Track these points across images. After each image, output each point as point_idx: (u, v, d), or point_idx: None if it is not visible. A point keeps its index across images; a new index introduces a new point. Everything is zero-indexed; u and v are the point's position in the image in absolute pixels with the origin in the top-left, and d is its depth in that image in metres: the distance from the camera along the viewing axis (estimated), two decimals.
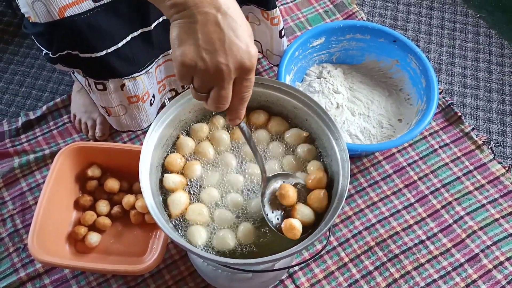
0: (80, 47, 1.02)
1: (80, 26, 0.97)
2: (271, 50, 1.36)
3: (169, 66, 1.24)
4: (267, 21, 1.26)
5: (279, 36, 1.30)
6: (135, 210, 1.21)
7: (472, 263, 1.24)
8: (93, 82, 1.12)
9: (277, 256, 0.79)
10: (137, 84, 1.15)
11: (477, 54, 1.58)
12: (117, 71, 1.09)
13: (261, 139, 0.96)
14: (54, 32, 0.98)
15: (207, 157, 0.93)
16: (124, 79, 1.12)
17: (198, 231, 0.85)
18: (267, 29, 1.29)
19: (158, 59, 1.18)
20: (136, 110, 1.22)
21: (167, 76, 1.28)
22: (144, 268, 1.07)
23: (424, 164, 1.37)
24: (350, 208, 1.30)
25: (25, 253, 1.23)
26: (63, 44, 1.01)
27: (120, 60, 1.08)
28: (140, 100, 1.19)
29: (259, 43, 1.37)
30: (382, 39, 1.38)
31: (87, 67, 1.09)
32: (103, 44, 1.02)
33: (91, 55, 1.03)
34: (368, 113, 1.37)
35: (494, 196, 1.32)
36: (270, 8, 1.22)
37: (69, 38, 0.99)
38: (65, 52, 1.03)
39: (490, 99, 1.49)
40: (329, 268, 1.23)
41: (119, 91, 1.15)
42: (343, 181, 0.84)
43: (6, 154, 1.35)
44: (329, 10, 1.64)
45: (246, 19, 1.24)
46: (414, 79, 1.36)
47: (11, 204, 1.29)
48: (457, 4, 1.68)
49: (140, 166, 0.84)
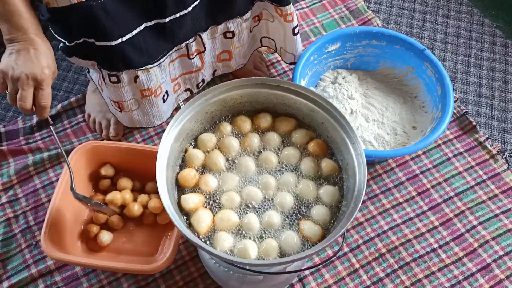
0: (96, 34, 1.04)
1: (96, 11, 0.99)
2: (284, 48, 1.36)
3: (183, 63, 1.25)
4: (280, 17, 1.26)
5: (293, 33, 1.30)
6: (147, 210, 1.21)
7: (484, 273, 1.23)
8: (107, 74, 1.13)
9: (290, 258, 0.79)
10: (150, 77, 1.16)
11: (493, 64, 1.57)
12: (131, 62, 1.11)
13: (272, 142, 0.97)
14: (71, 17, 1.00)
15: (218, 167, 0.94)
16: (138, 71, 1.13)
17: (223, 238, 0.86)
18: (280, 26, 1.29)
19: (171, 53, 1.19)
20: (149, 105, 1.23)
21: (182, 74, 1.28)
22: (155, 267, 1.07)
23: (438, 172, 1.36)
24: (362, 214, 1.30)
25: (37, 250, 1.23)
26: (80, 31, 1.03)
27: (134, 50, 1.09)
28: (153, 94, 1.20)
29: (272, 41, 1.37)
30: (398, 46, 1.38)
31: (102, 58, 1.10)
32: (118, 31, 1.04)
33: (107, 43, 1.04)
34: (382, 120, 1.37)
35: (507, 206, 1.31)
36: (283, 4, 1.22)
37: (85, 23, 1.01)
38: (82, 40, 1.05)
39: (505, 109, 1.49)
40: (339, 273, 1.22)
41: (132, 83, 1.16)
42: (359, 185, 0.84)
43: (21, 151, 1.36)
44: (345, 16, 1.64)
45: (260, 17, 1.25)
46: (430, 87, 1.35)
47: (24, 200, 1.30)
48: (473, 13, 1.68)
49: (157, 163, 0.85)
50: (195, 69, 1.27)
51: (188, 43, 1.19)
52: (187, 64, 1.25)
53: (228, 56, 1.31)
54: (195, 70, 1.28)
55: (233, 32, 1.23)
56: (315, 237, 0.86)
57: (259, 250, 0.85)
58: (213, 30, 1.21)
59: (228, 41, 1.26)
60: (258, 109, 1.00)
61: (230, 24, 1.22)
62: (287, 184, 0.91)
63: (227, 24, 1.21)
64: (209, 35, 1.22)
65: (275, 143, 0.97)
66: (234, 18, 1.20)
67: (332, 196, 0.90)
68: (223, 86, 0.94)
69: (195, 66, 1.27)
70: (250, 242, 0.85)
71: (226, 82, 0.94)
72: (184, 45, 1.19)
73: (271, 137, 0.97)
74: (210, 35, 1.22)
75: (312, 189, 0.91)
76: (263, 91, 0.96)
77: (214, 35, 1.23)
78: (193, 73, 1.29)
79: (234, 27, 1.23)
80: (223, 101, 0.96)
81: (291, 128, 0.99)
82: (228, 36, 1.25)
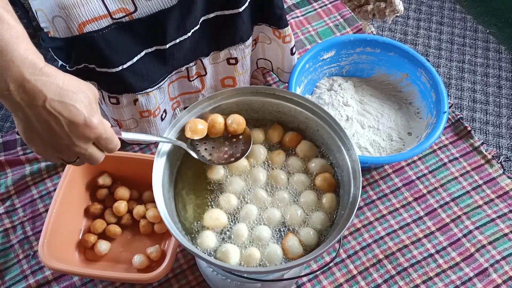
0: (97, 61, 1.04)
1: (98, 41, 0.99)
2: (282, 68, 1.36)
3: (183, 84, 1.25)
4: (278, 39, 1.27)
5: (291, 53, 1.31)
6: (145, 220, 1.21)
7: (481, 278, 1.23)
8: (107, 95, 1.14)
9: (287, 265, 0.79)
10: (150, 100, 1.17)
11: (486, 70, 1.59)
12: (131, 87, 1.11)
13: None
14: (72, 47, 1.00)
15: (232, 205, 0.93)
16: (137, 94, 1.13)
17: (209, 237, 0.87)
18: (278, 47, 1.30)
19: (171, 75, 1.20)
20: (147, 124, 1.23)
21: (181, 93, 1.29)
22: (153, 276, 1.07)
23: (433, 178, 1.37)
24: (359, 220, 1.30)
25: (35, 260, 1.23)
26: (81, 58, 1.03)
27: (135, 75, 1.09)
28: (152, 115, 1.21)
29: (269, 62, 1.38)
30: (392, 53, 1.39)
31: (103, 81, 1.11)
32: (119, 59, 1.04)
33: (107, 70, 1.04)
34: (378, 126, 1.38)
35: (503, 210, 1.32)
36: (282, 26, 1.23)
37: (87, 53, 1.02)
38: (82, 66, 1.05)
39: (500, 114, 1.50)
40: (337, 280, 1.22)
41: (131, 105, 1.16)
42: (354, 191, 0.84)
43: (18, 161, 1.37)
44: (339, 24, 1.66)
45: (256, 40, 1.26)
46: (424, 93, 1.36)
47: (22, 211, 1.30)
48: (466, 20, 1.69)
49: (153, 172, 0.85)
50: (195, 90, 1.28)
51: (188, 66, 1.19)
52: (187, 86, 1.26)
53: (233, 82, 1.31)
54: (195, 91, 1.28)
55: (236, 58, 1.23)
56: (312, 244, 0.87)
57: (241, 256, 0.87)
58: (215, 56, 1.22)
59: (232, 67, 1.26)
60: (253, 117, 1.01)
61: (233, 51, 1.21)
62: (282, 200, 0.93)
63: (229, 51, 1.21)
64: (211, 60, 1.22)
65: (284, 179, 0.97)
66: (236, 44, 1.21)
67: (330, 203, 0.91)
68: (218, 94, 0.95)
69: (195, 88, 1.27)
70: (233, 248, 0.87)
71: (221, 91, 0.94)
72: (184, 68, 1.19)
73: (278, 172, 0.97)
74: (212, 60, 1.22)
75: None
76: (258, 99, 0.97)
77: (216, 60, 1.23)
78: (193, 94, 1.29)
79: (237, 54, 1.22)
80: (219, 109, 0.96)
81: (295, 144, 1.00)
82: (231, 63, 1.25)
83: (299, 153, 0.98)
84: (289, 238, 0.87)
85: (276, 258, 0.85)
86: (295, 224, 0.89)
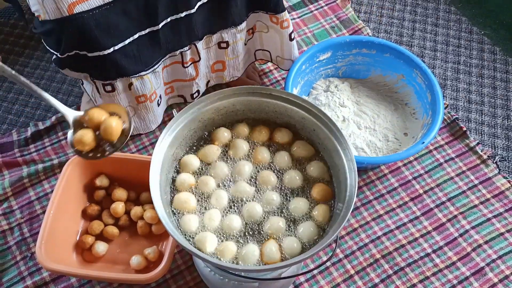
0: (88, 45, 1.05)
1: (88, 22, 1.00)
2: (281, 56, 1.37)
3: (177, 70, 1.26)
4: (276, 25, 1.28)
5: (289, 39, 1.32)
6: (142, 221, 1.22)
7: (477, 277, 1.24)
8: (101, 84, 1.15)
9: (285, 263, 0.79)
10: (145, 83, 1.17)
11: (481, 70, 1.60)
12: (124, 70, 1.12)
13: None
14: (63, 29, 1.01)
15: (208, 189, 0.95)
16: (132, 78, 1.14)
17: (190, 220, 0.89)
18: (276, 34, 1.31)
19: (165, 59, 1.21)
20: (145, 111, 1.24)
21: (175, 79, 1.30)
22: (150, 277, 1.07)
23: (430, 178, 1.38)
24: (356, 220, 1.31)
25: (32, 262, 1.23)
26: (72, 43, 1.04)
27: (127, 58, 1.10)
28: (148, 99, 1.21)
29: (267, 52, 1.39)
30: (388, 54, 1.40)
31: (95, 68, 1.11)
32: (111, 41, 1.05)
33: (99, 53, 1.05)
34: (374, 127, 1.38)
35: (499, 210, 1.33)
36: (279, 11, 1.24)
37: (77, 35, 1.02)
38: (73, 53, 1.06)
39: (495, 115, 1.51)
40: (335, 280, 1.23)
41: (127, 91, 1.17)
42: (350, 190, 0.85)
43: (15, 163, 1.37)
44: (336, 26, 1.66)
45: (254, 29, 1.27)
46: (420, 94, 1.37)
47: (19, 213, 1.30)
48: (461, 22, 1.71)
49: (150, 172, 0.86)
50: (189, 78, 1.29)
51: (182, 51, 1.21)
52: (181, 72, 1.27)
53: (222, 67, 1.32)
54: (189, 79, 1.29)
55: (227, 42, 1.25)
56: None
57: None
58: (208, 40, 1.23)
59: (222, 51, 1.28)
60: (250, 117, 1.01)
61: (225, 34, 1.24)
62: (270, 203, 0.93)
63: (221, 34, 1.23)
64: (204, 45, 1.24)
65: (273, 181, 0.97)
66: (228, 28, 1.22)
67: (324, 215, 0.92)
68: (216, 94, 0.95)
69: (189, 75, 1.28)
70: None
71: (219, 91, 0.95)
72: (178, 52, 1.21)
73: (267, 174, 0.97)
74: (205, 45, 1.24)
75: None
76: (255, 99, 0.97)
77: (208, 45, 1.25)
78: (187, 82, 1.30)
79: (228, 37, 1.24)
80: (216, 109, 0.97)
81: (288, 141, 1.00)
82: (222, 46, 1.26)
83: (294, 153, 0.98)
84: (269, 243, 0.87)
85: (252, 259, 0.86)
86: (280, 233, 0.89)
